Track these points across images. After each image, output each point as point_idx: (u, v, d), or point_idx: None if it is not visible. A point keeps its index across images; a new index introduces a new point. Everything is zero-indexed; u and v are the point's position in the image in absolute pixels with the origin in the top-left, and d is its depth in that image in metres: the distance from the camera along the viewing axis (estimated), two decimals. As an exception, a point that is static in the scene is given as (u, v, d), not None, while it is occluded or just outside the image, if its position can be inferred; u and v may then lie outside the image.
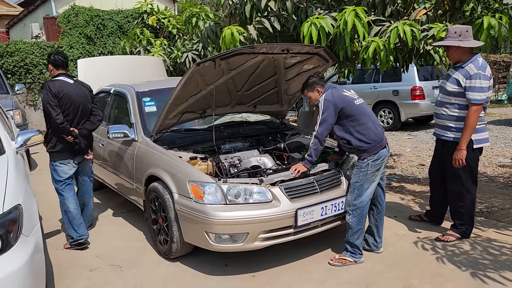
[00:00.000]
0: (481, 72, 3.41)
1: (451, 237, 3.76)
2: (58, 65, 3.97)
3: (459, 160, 3.52)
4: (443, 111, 3.65)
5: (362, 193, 3.36)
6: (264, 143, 4.28)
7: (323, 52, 3.78)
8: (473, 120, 3.43)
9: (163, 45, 8.95)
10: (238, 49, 3.33)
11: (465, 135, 3.47)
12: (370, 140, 3.34)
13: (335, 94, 3.37)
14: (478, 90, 3.40)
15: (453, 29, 3.54)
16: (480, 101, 3.41)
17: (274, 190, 3.27)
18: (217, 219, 3.11)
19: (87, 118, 4.05)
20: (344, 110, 3.34)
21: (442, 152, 3.78)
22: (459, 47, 3.50)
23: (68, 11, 12.49)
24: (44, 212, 4.97)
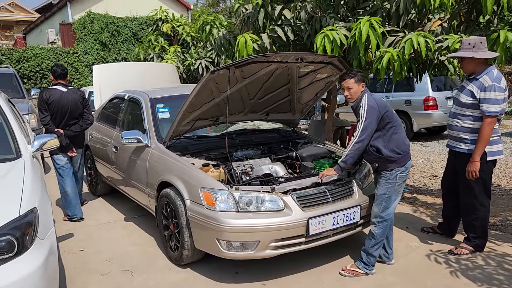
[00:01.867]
0: (496, 84, 3.38)
1: (465, 250, 3.71)
2: (57, 76, 4.80)
3: (473, 172, 3.48)
4: (457, 122, 3.62)
5: (389, 205, 3.34)
6: (276, 151, 4.29)
7: (337, 61, 3.79)
8: (487, 132, 3.39)
9: (177, 52, 9.05)
10: (252, 58, 3.35)
11: (479, 147, 3.43)
12: (401, 150, 3.32)
13: (377, 100, 3.33)
14: (493, 102, 3.37)
15: (467, 40, 3.52)
16: (494, 113, 3.38)
17: (286, 198, 3.26)
18: (228, 227, 3.11)
19: (75, 121, 4.80)
20: (384, 117, 3.31)
21: (455, 163, 3.75)
22: (473, 59, 3.47)
23: (84, 18, 12.74)
24: (57, 215, 5.03)
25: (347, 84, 3.35)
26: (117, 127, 5.03)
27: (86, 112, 4.87)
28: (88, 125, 4.91)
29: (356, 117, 3.41)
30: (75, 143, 4.87)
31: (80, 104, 4.80)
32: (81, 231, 4.54)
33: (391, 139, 3.31)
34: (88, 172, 6.06)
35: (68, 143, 4.68)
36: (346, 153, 3.33)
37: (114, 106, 5.40)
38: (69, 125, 4.75)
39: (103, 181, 5.61)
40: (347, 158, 3.33)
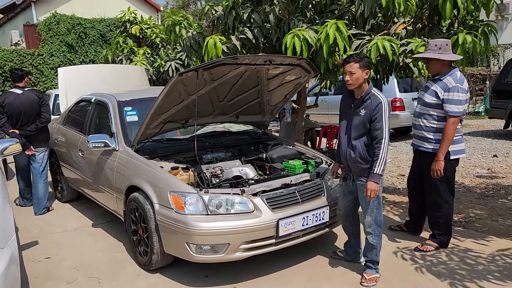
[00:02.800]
0: (459, 85, 3.50)
1: (430, 247, 3.81)
2: (14, 79, 5.17)
3: (437, 171, 3.59)
4: (421, 122, 3.72)
5: (380, 210, 3.27)
6: (246, 153, 4.29)
7: (305, 63, 3.83)
8: (450, 132, 3.51)
9: (146, 54, 8.93)
10: (221, 60, 3.34)
11: (443, 146, 3.54)
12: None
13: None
14: (456, 102, 3.48)
15: (433, 42, 3.62)
16: (457, 113, 3.49)
17: (255, 200, 3.27)
18: (198, 230, 3.09)
19: (31, 122, 5.01)
20: None
21: (420, 162, 3.85)
22: (439, 60, 3.57)
23: (49, 19, 12.39)
24: (20, 223, 4.87)
25: (350, 68, 3.10)
26: (84, 130, 4.92)
27: (43, 111, 5.09)
28: (44, 123, 5.09)
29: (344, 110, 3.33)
30: (34, 142, 5.05)
31: (36, 104, 5.04)
32: (46, 239, 4.40)
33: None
34: (54, 177, 5.89)
35: (24, 142, 4.85)
36: (381, 159, 3.07)
37: (81, 110, 5.27)
38: (25, 125, 4.99)
39: (69, 187, 5.46)
40: (383, 163, 3.10)
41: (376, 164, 3.09)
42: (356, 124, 3.18)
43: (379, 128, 3.07)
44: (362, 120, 3.15)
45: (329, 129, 7.15)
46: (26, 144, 4.88)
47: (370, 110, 3.10)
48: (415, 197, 4.10)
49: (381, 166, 3.09)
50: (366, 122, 3.13)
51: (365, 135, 3.16)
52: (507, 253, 3.75)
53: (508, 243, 3.95)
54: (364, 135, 3.16)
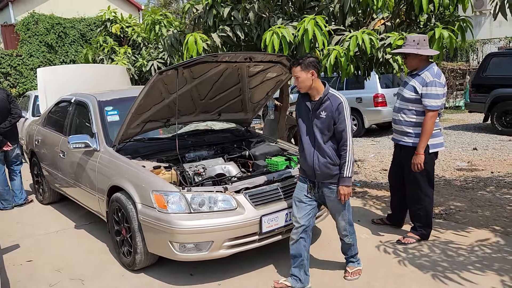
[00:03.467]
0: (437, 80, 3.56)
1: (411, 239, 3.88)
2: None
3: (418, 165, 3.65)
4: (401, 117, 3.78)
5: (350, 211, 3.24)
6: (229, 151, 4.29)
7: (285, 60, 3.85)
8: (429, 125, 3.57)
9: (127, 53, 8.84)
10: (200, 58, 3.33)
11: (423, 140, 3.60)
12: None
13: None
14: (434, 97, 3.55)
15: (411, 37, 3.68)
16: (435, 107, 3.56)
17: (238, 197, 3.28)
18: (181, 228, 3.09)
19: (3, 119, 5.18)
20: None
21: (401, 156, 3.91)
22: (417, 55, 3.62)
23: (28, 19, 12.16)
24: (0, 227, 4.79)
25: (294, 73, 3.00)
26: (64, 131, 4.85)
27: (13, 107, 5.30)
28: (16, 118, 5.33)
29: (302, 114, 3.09)
30: (9, 137, 5.32)
31: (6, 102, 5.25)
32: (28, 241, 4.34)
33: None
34: (35, 179, 5.80)
35: (1, 139, 5.16)
36: (349, 161, 2.97)
37: (61, 110, 5.20)
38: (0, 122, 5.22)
39: (51, 189, 5.39)
40: (351, 165, 3.00)
41: (344, 167, 2.98)
42: (321, 128, 3.01)
43: (343, 130, 2.95)
44: (325, 123, 2.99)
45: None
46: (3, 141, 5.17)
47: (331, 111, 2.95)
48: (396, 190, 4.16)
49: (349, 169, 2.99)
50: (331, 124, 2.98)
51: (331, 138, 3.03)
52: (486, 243, 3.84)
53: (487, 234, 4.04)
54: (331, 138, 3.03)
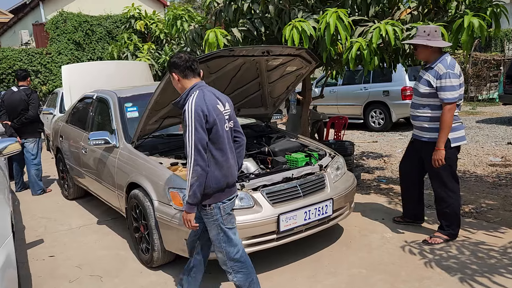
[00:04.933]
0: (450, 71, 3.41)
1: (439, 239, 3.70)
2: (18, 78, 5.97)
3: (438, 160, 3.50)
4: (418, 112, 3.65)
5: (231, 243, 2.60)
6: (248, 147, 4.20)
7: (305, 53, 3.73)
8: (448, 119, 3.42)
9: (151, 50, 8.87)
10: (216, 52, 3.25)
11: (442, 135, 3.45)
12: (225, 182, 2.52)
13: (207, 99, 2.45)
14: (449, 89, 3.40)
15: (422, 28, 3.53)
16: (452, 99, 3.40)
17: (255, 195, 3.20)
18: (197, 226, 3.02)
19: (18, 116, 5.73)
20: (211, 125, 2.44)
21: (422, 153, 3.74)
22: (427, 47, 3.48)
23: (56, 17, 12.42)
24: (26, 222, 4.89)
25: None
26: (86, 128, 4.90)
27: (30, 108, 5.77)
28: (27, 119, 5.77)
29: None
30: (21, 133, 5.80)
31: (23, 102, 5.72)
32: (51, 237, 4.41)
33: (219, 162, 2.48)
34: (61, 175, 5.91)
35: (11, 133, 5.69)
36: (188, 185, 2.40)
37: (83, 107, 5.26)
38: (15, 118, 5.75)
39: (75, 185, 5.47)
40: (192, 191, 2.38)
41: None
42: None
43: (185, 144, 2.42)
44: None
45: (336, 120, 7.01)
46: (13, 134, 5.66)
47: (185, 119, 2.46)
48: (408, 186, 4.02)
49: (189, 193, 2.39)
50: None
51: None
52: (519, 244, 3.63)
53: (521, 234, 3.82)
54: None
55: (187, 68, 2.54)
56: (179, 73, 2.57)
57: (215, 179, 2.46)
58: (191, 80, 2.56)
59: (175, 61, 2.57)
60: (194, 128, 2.35)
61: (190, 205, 2.44)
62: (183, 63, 2.54)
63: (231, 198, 2.60)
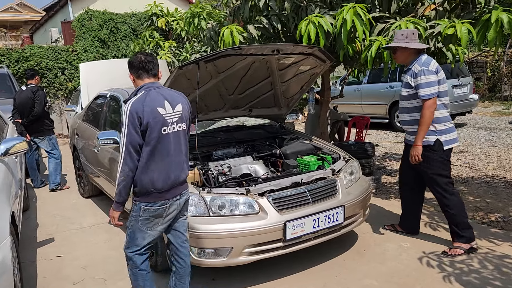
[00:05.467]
0: (424, 68, 3.36)
1: (459, 250, 3.46)
2: (26, 77, 6.13)
3: (415, 157, 3.43)
4: (405, 117, 3.60)
5: (133, 242, 2.56)
6: (259, 148, 4.07)
7: (318, 52, 3.55)
8: (427, 115, 3.34)
9: (172, 47, 8.86)
10: (223, 51, 3.12)
11: (420, 131, 3.38)
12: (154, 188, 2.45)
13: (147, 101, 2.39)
14: (425, 85, 3.34)
15: (400, 32, 3.52)
16: (429, 95, 3.33)
17: (261, 201, 3.05)
18: (199, 232, 2.91)
19: (27, 115, 5.82)
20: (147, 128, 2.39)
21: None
22: (406, 49, 3.45)
23: (82, 15, 12.58)
24: (40, 219, 4.92)
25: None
26: (99, 126, 4.87)
27: (35, 106, 5.81)
28: (33, 117, 5.82)
29: None
30: (30, 131, 5.90)
31: (30, 100, 5.80)
32: (61, 236, 4.40)
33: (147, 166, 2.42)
34: (77, 173, 5.93)
35: (21, 131, 5.73)
36: (116, 185, 2.46)
37: (97, 106, 5.24)
38: (25, 116, 5.84)
39: (90, 183, 5.47)
40: (118, 190, 2.43)
41: None
42: None
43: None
44: None
45: (358, 120, 6.75)
46: (22, 132, 5.73)
47: None
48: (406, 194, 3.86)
49: (115, 191, 2.44)
50: None
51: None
52: (550, 259, 3.34)
53: (552, 248, 3.53)
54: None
55: (141, 69, 2.51)
56: (133, 73, 2.55)
57: (139, 181, 2.43)
58: (144, 80, 2.53)
59: (130, 61, 2.57)
60: (127, 129, 2.36)
61: (116, 203, 2.49)
62: (137, 64, 2.52)
63: (162, 204, 2.48)
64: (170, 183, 2.48)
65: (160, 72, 2.60)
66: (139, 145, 2.38)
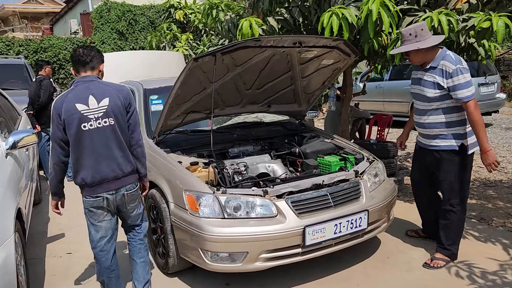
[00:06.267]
0: (459, 66, 3.00)
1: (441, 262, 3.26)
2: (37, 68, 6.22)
3: (493, 163, 3.06)
4: (427, 119, 3.21)
5: (91, 238, 2.67)
6: (277, 147, 3.87)
7: (343, 45, 3.32)
8: (478, 117, 2.99)
9: (189, 40, 8.70)
10: (240, 42, 2.93)
11: (481, 135, 3.01)
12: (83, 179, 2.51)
13: (65, 100, 2.44)
14: (465, 85, 2.98)
15: (406, 31, 3.12)
16: (472, 96, 2.99)
17: (279, 203, 2.86)
18: (212, 235, 2.74)
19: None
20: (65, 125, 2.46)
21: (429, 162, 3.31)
22: (419, 50, 3.07)
23: (101, 7, 12.54)
24: (52, 213, 4.82)
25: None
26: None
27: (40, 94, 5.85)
28: (38, 106, 5.83)
29: None
30: (40, 122, 5.90)
31: (37, 90, 5.81)
32: (72, 232, 4.29)
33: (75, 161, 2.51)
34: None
35: (32, 121, 5.68)
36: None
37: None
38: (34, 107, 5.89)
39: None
40: (50, 180, 2.68)
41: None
42: None
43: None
44: None
45: (380, 118, 6.49)
46: (33, 123, 5.67)
47: None
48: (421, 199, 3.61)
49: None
50: None
51: None
52: None
53: None
54: None
55: (77, 62, 2.55)
56: (73, 68, 2.60)
57: (74, 175, 2.56)
58: (80, 74, 2.56)
59: (71, 55, 2.63)
60: (51, 125, 2.50)
61: (51, 193, 2.71)
62: (74, 58, 2.57)
63: (97, 197, 2.54)
64: (99, 178, 2.49)
65: (100, 65, 2.61)
66: (62, 140, 2.47)
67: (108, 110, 2.46)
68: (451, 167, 3.17)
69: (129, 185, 2.61)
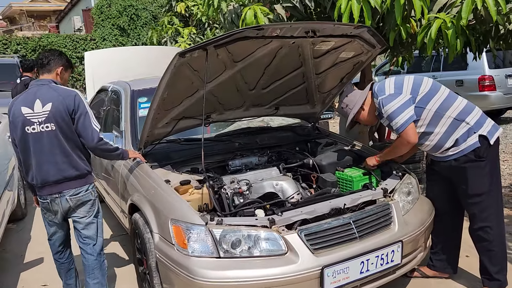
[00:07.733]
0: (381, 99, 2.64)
1: None
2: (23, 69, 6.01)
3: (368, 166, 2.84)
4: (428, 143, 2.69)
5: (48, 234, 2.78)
6: (287, 157, 3.25)
7: (366, 33, 2.68)
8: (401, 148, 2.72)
9: (192, 34, 8.10)
10: (238, 32, 2.30)
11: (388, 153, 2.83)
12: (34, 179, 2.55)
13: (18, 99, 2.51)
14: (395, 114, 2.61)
15: (339, 106, 2.93)
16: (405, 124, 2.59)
17: (289, 236, 2.24)
18: (203, 281, 2.14)
19: None
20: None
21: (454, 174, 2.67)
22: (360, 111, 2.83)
23: (101, 2, 12.02)
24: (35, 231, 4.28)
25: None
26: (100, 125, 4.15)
27: None
28: None
29: None
30: None
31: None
32: (52, 256, 3.73)
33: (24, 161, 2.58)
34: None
35: None
36: None
37: (99, 101, 4.53)
38: None
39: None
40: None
41: None
42: None
43: None
44: None
45: (401, 117, 5.84)
46: None
47: None
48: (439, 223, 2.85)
49: None
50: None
51: None
52: None
53: None
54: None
55: (38, 65, 2.58)
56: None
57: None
58: (41, 76, 2.59)
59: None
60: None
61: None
62: (37, 61, 2.60)
63: (44, 199, 2.58)
64: (40, 180, 2.51)
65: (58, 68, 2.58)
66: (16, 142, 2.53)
67: (50, 115, 2.43)
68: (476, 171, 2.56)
69: (73, 189, 2.56)
